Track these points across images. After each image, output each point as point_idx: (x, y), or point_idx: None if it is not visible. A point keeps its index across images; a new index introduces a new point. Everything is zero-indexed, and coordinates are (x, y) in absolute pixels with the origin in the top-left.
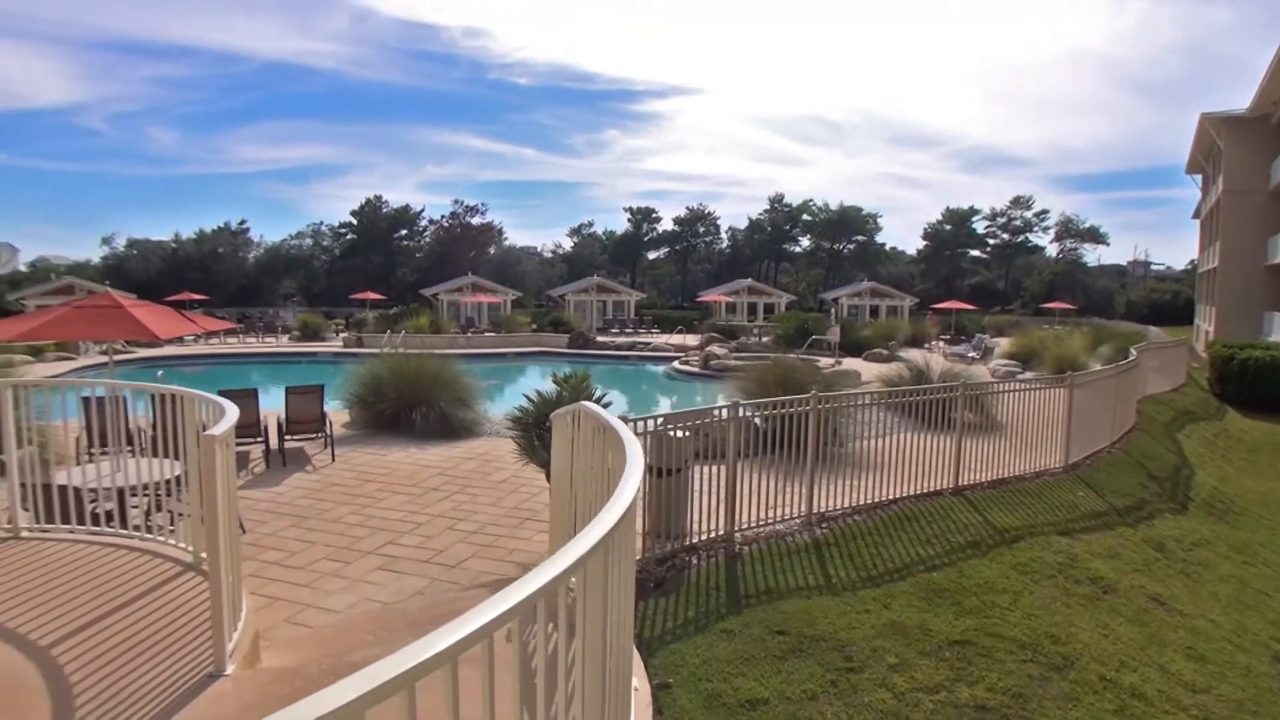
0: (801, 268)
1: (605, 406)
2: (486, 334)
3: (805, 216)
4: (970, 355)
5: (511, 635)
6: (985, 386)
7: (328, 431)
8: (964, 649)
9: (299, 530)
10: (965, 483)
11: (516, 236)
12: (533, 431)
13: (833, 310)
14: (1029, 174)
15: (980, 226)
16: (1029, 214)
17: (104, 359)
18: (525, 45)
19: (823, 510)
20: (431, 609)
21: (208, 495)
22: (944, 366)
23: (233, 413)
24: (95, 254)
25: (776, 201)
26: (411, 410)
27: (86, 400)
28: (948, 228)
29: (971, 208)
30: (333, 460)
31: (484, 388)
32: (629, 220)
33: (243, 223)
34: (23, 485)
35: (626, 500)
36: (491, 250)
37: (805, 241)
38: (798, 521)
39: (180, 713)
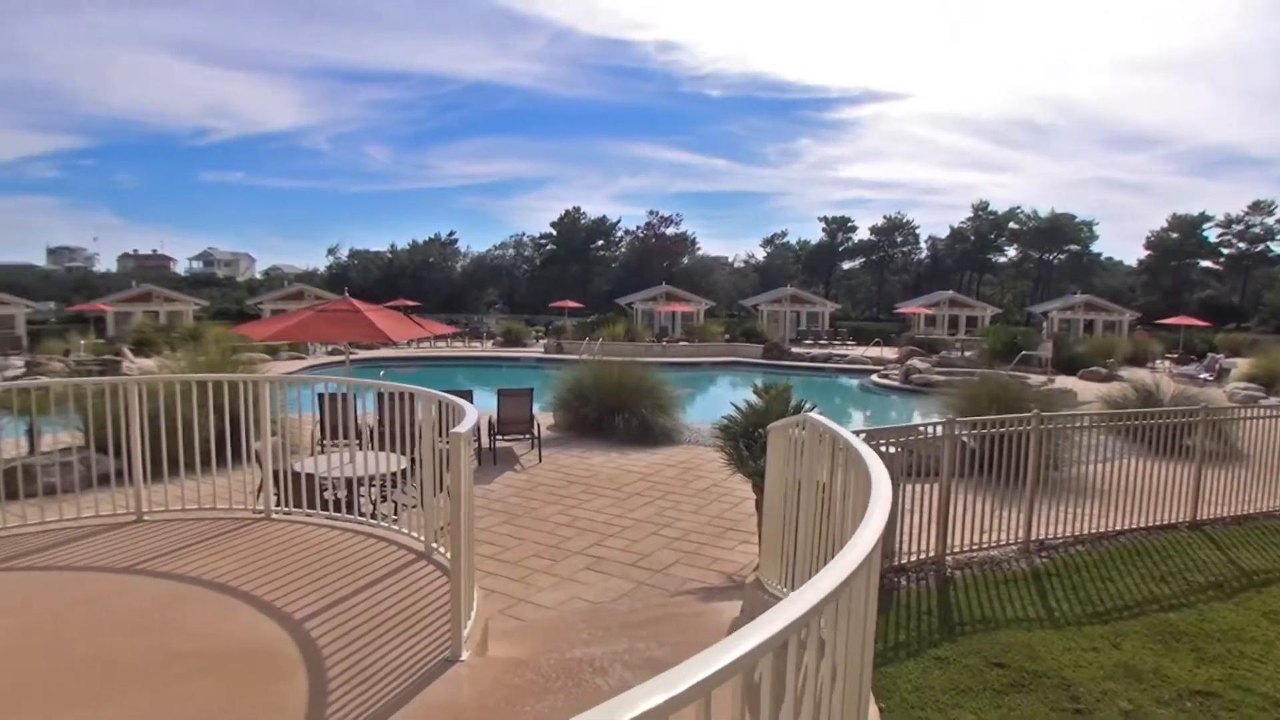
0: (1007, 279)
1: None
2: (680, 343)
3: (1012, 224)
4: (1203, 376)
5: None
6: (1231, 411)
7: (535, 433)
8: (1207, 701)
9: (510, 527)
10: (1205, 517)
11: (709, 246)
12: (741, 441)
13: (1043, 325)
14: (1269, 175)
15: (1212, 234)
16: (1270, 220)
17: (329, 359)
18: (719, 58)
19: (1042, 538)
20: (641, 611)
21: (452, 490)
22: (1174, 388)
23: (473, 413)
24: (321, 263)
25: (980, 209)
26: (614, 416)
27: (321, 396)
28: (1174, 236)
29: (1203, 214)
30: (539, 461)
31: (679, 396)
32: (823, 229)
33: (451, 234)
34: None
35: (879, 520)
36: (685, 260)
37: (1011, 251)
38: (1014, 548)
39: (421, 693)
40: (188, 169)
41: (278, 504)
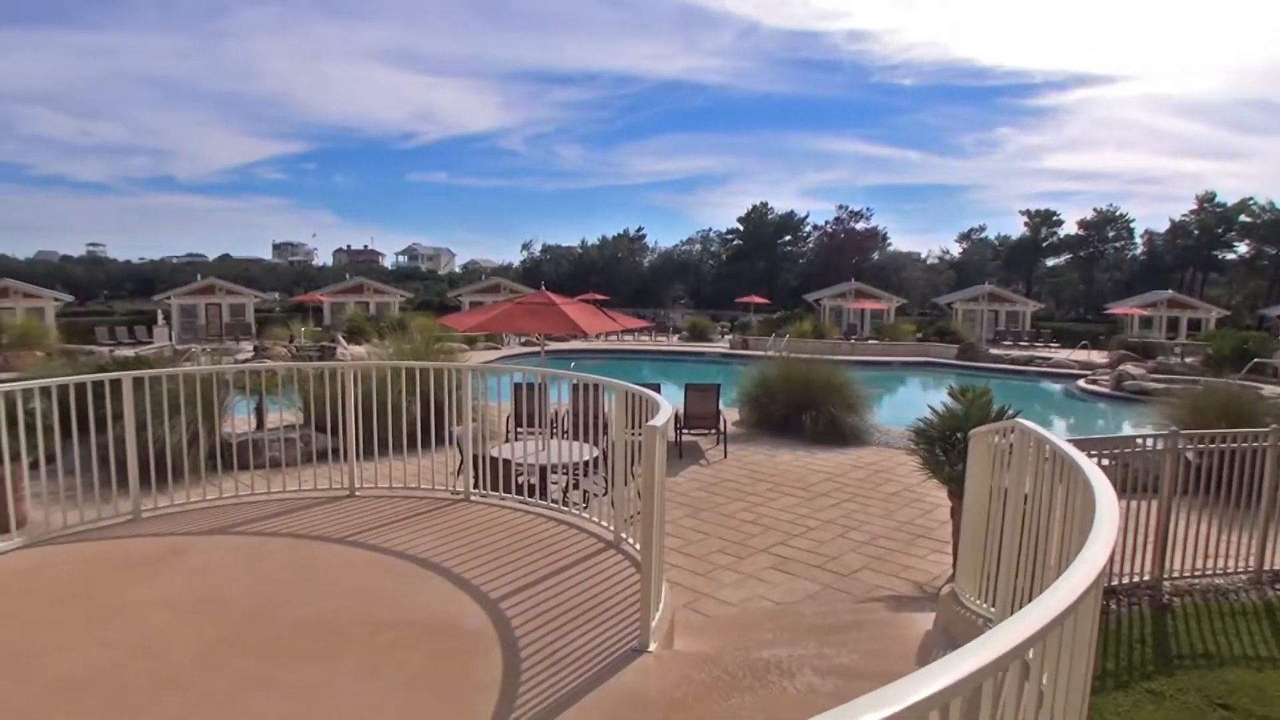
0: (1237, 278)
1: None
2: (869, 341)
3: (1243, 217)
4: None
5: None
6: None
7: (721, 428)
8: None
9: (695, 521)
10: None
11: (900, 242)
12: (937, 446)
13: None
14: None
15: None
16: None
17: (523, 350)
18: (912, 45)
19: (1278, 569)
20: (828, 616)
21: (644, 482)
22: None
23: (667, 407)
24: (516, 258)
25: (1206, 200)
26: (801, 414)
27: (517, 385)
28: None
29: None
30: (725, 456)
31: (869, 396)
32: (1025, 224)
33: (639, 230)
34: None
35: (1107, 539)
36: (875, 255)
37: (1242, 247)
38: (1244, 577)
39: (609, 681)
40: (396, 170)
41: (475, 486)
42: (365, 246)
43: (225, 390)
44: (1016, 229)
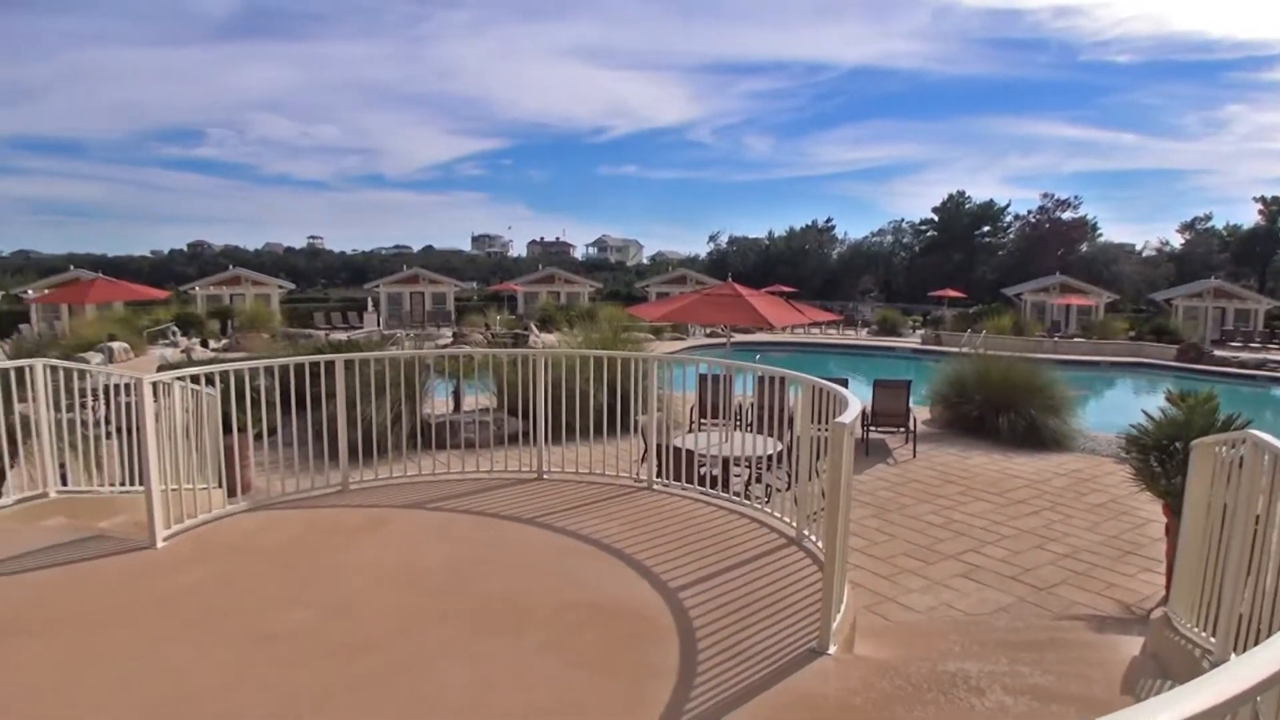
0: None
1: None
2: (1075, 339)
3: None
4: None
5: None
6: None
7: (910, 427)
8: None
9: (879, 521)
10: None
11: (1112, 232)
12: (1152, 455)
13: None
14: None
15: None
16: None
17: (708, 341)
18: (1127, 19)
19: None
20: (1022, 631)
21: (831, 479)
22: None
23: (855, 403)
24: (702, 249)
25: None
26: (997, 414)
27: (702, 376)
28: None
29: None
30: (913, 456)
31: (1073, 398)
32: (1259, 212)
33: (828, 221)
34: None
35: None
36: (1083, 247)
37: None
38: None
39: (785, 680)
40: (587, 164)
41: (658, 475)
42: (557, 238)
43: (426, 373)
44: (1249, 217)
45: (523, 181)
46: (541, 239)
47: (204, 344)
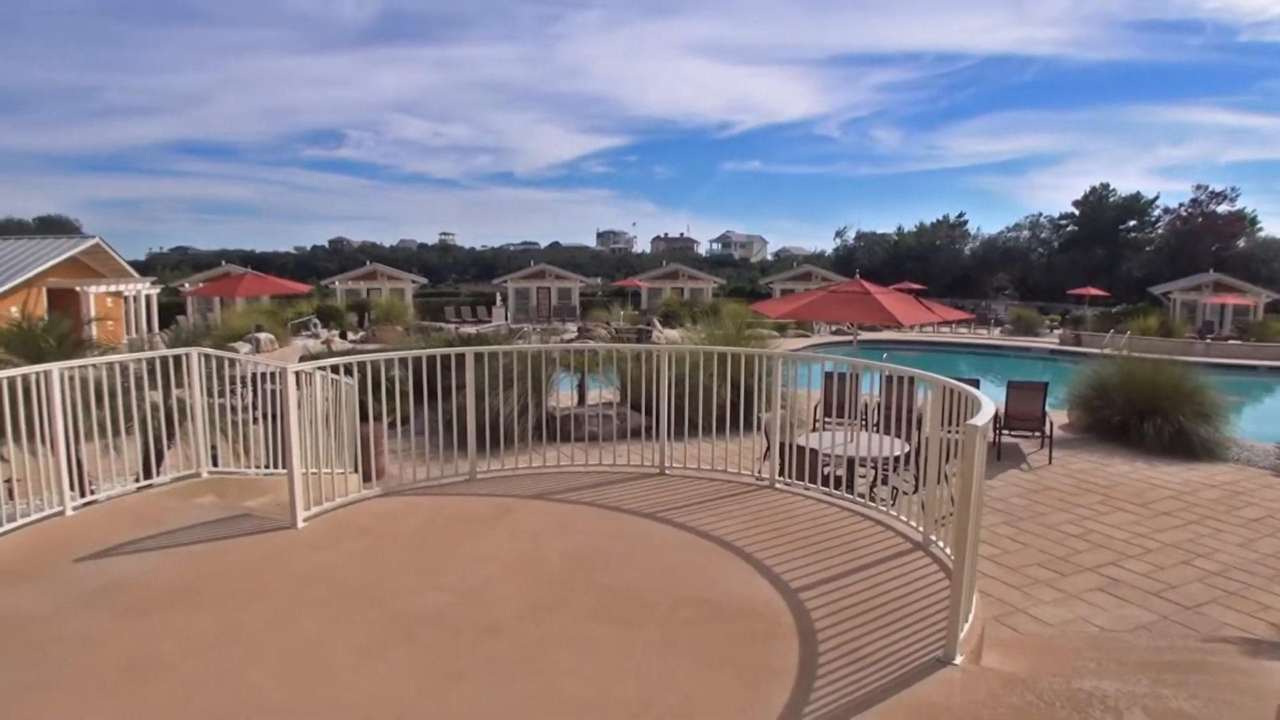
0: None
1: None
2: (1231, 342)
3: None
4: None
5: None
6: None
7: (1046, 431)
8: None
9: (1011, 529)
10: None
11: (1274, 227)
12: None
13: None
14: None
15: None
16: None
17: (834, 338)
18: None
19: None
20: (1165, 651)
21: (962, 483)
22: None
23: (989, 405)
24: (828, 245)
25: None
26: (1142, 420)
27: (828, 374)
28: None
29: None
30: (1049, 462)
31: (1228, 405)
32: None
33: (961, 215)
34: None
35: None
36: (1240, 243)
37: None
38: None
39: (908, 689)
40: (712, 160)
41: (780, 474)
42: (681, 234)
43: (552, 367)
44: None
45: (647, 178)
46: (665, 235)
47: (343, 335)
